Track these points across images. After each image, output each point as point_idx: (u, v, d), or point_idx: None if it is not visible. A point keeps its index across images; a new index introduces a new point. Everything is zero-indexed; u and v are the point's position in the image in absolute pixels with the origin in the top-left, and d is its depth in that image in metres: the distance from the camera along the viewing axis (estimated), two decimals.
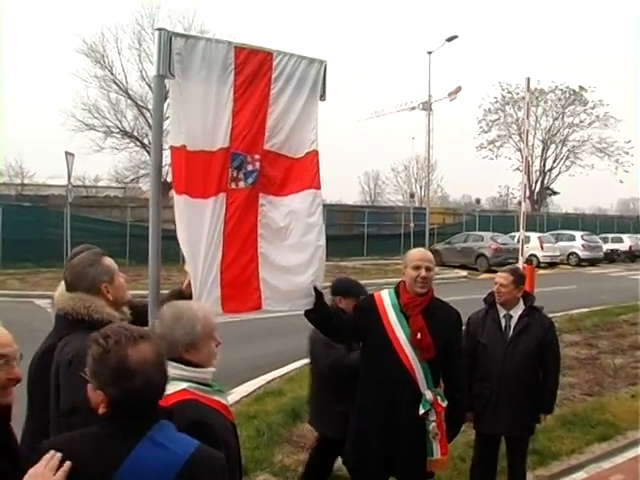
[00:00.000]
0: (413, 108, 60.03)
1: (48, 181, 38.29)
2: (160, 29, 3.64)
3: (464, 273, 26.00)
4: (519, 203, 23.89)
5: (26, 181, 40.12)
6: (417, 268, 3.77)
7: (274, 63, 3.54)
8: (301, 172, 3.58)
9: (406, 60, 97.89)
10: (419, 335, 3.70)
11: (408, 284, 3.81)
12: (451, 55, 69.44)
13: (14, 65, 73.54)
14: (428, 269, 3.77)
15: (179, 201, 3.57)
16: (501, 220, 36.67)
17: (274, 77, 3.54)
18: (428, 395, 3.70)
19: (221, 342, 2.58)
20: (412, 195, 50.63)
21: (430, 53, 32.78)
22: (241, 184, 3.45)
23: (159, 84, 3.76)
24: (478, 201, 53.91)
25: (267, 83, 3.51)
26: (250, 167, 3.46)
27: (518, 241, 12.42)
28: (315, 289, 3.60)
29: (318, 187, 3.61)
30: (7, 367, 2.07)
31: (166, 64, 3.63)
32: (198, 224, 3.54)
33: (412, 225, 32.27)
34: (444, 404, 3.75)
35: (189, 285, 3.50)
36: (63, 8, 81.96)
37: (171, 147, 3.53)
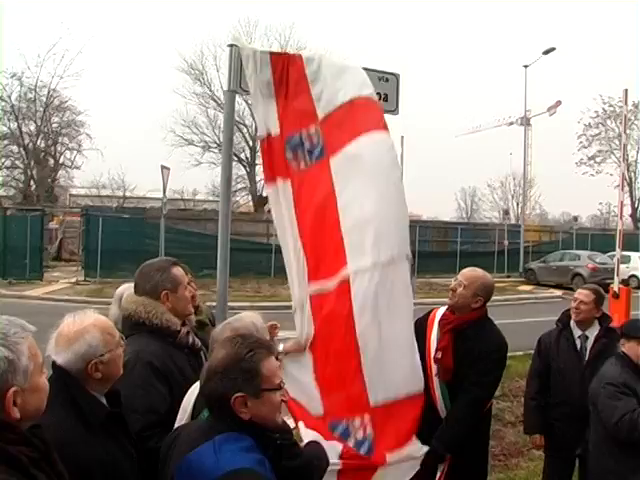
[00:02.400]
0: (511, 123, 58.62)
1: (148, 194, 39.79)
2: (231, 45, 3.72)
3: (559, 293, 25.00)
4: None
5: (127, 194, 41.85)
6: (455, 280, 3.82)
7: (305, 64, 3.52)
8: (362, 113, 3.36)
9: (504, 74, 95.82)
10: (439, 354, 3.64)
11: None
12: (549, 68, 67.48)
13: (120, 83, 77.46)
14: (459, 284, 3.74)
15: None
16: (600, 239, 35.08)
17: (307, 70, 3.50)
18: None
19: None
20: (506, 212, 49.35)
21: (526, 67, 32.03)
22: (302, 165, 3.42)
23: (230, 99, 3.84)
24: (576, 219, 51.87)
25: (301, 67, 3.49)
26: (308, 144, 3.40)
27: None
28: None
29: (385, 128, 3.40)
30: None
31: (237, 79, 3.71)
32: (276, 212, 3.48)
33: (506, 243, 31.44)
34: None
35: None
36: (164, 28, 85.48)
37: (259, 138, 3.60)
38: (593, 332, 4.50)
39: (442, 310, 3.91)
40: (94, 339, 2.26)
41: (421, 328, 3.79)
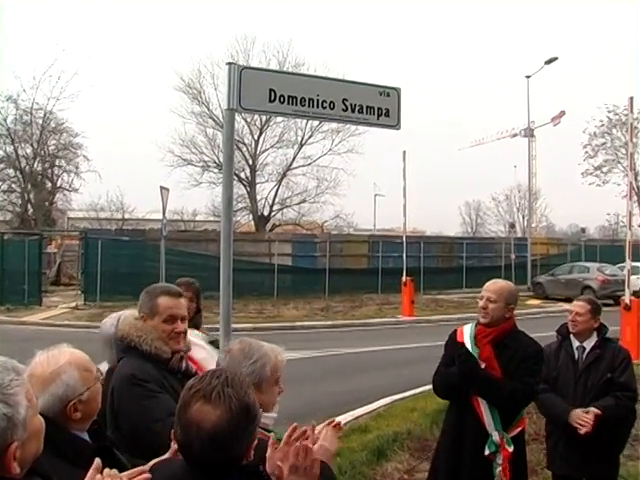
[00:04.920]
0: (515, 135, 58.58)
1: (147, 215, 39.82)
2: (230, 63, 3.76)
3: (568, 306, 24.88)
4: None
5: (126, 216, 41.93)
6: (481, 298, 3.88)
7: None
8: None
9: (506, 85, 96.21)
10: (483, 365, 3.72)
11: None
12: (552, 78, 67.69)
13: (117, 104, 77.99)
14: (489, 299, 3.83)
15: None
16: (610, 250, 34.96)
17: None
18: (495, 436, 3.64)
19: (283, 390, 2.56)
20: (512, 225, 49.24)
21: (528, 77, 32.19)
22: None
23: (230, 118, 3.86)
24: (584, 230, 51.78)
25: None
26: None
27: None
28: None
29: None
30: None
31: (237, 97, 3.73)
32: None
33: (513, 256, 31.37)
34: (510, 449, 3.70)
35: None
36: (160, 47, 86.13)
37: None
38: (590, 343, 4.55)
39: (468, 327, 4.01)
40: (71, 378, 2.14)
41: (452, 348, 3.95)
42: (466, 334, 3.96)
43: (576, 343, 4.59)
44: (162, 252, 17.29)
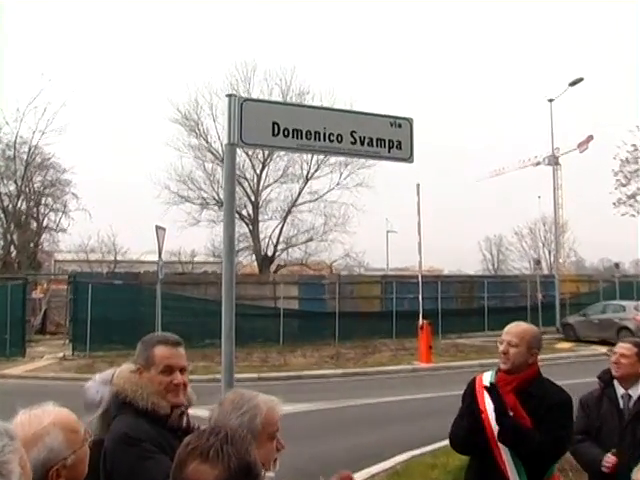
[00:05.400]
0: (538, 163, 58.94)
1: (142, 257, 39.86)
2: (230, 95, 3.83)
3: (603, 350, 24.59)
4: None
5: (119, 258, 42.06)
6: (501, 342, 3.84)
7: None
8: None
9: (527, 110, 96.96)
10: (511, 413, 3.67)
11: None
12: (577, 101, 67.93)
13: (108, 137, 78.75)
14: (509, 344, 3.79)
15: None
16: None
17: None
18: None
19: (285, 447, 2.52)
20: (538, 262, 49.12)
21: (551, 101, 32.42)
22: None
23: (230, 153, 3.94)
24: (617, 265, 51.54)
25: None
26: None
27: None
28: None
29: None
30: None
31: (237, 132, 3.81)
32: None
33: (539, 296, 31.25)
34: None
35: None
36: (155, 76, 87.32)
37: None
38: (637, 390, 4.51)
39: (488, 375, 3.97)
40: (55, 441, 2.06)
41: (470, 398, 3.92)
42: (486, 382, 3.91)
43: (621, 390, 4.54)
44: (158, 297, 17.35)
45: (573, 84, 31.85)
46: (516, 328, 3.90)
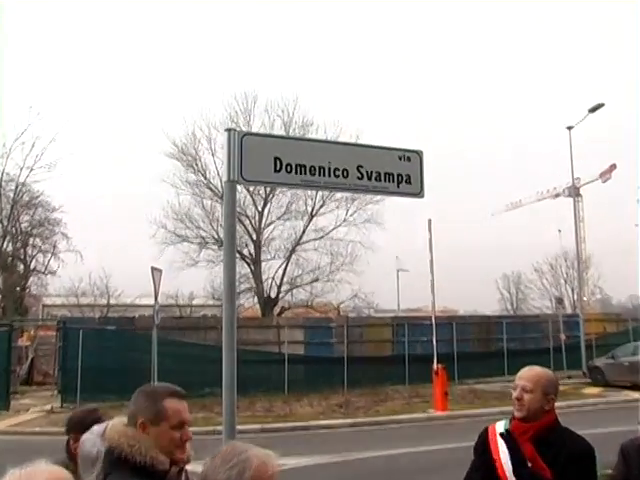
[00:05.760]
0: (557, 195, 59.31)
1: (137, 301, 39.88)
2: (229, 129, 3.88)
3: (636, 395, 24.45)
4: None
5: (112, 301, 42.04)
6: (515, 388, 3.81)
7: None
8: None
9: (543, 139, 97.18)
10: (529, 464, 3.63)
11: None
12: (598, 128, 68.33)
13: (100, 174, 79.17)
14: (523, 389, 3.76)
15: None
16: None
17: None
18: None
19: None
20: (560, 300, 49.16)
21: (570, 128, 32.58)
22: None
23: (231, 190, 3.97)
24: None
25: None
26: None
27: None
28: None
29: None
30: None
31: (237, 168, 3.85)
32: None
33: (563, 337, 31.08)
34: None
35: None
36: (149, 109, 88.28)
37: None
38: None
39: (501, 424, 3.93)
40: None
41: (482, 448, 3.89)
42: (498, 431, 3.89)
43: None
44: (154, 343, 17.31)
45: (593, 110, 32.01)
46: (529, 372, 3.88)
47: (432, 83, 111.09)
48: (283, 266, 36.34)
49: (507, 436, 3.75)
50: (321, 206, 35.87)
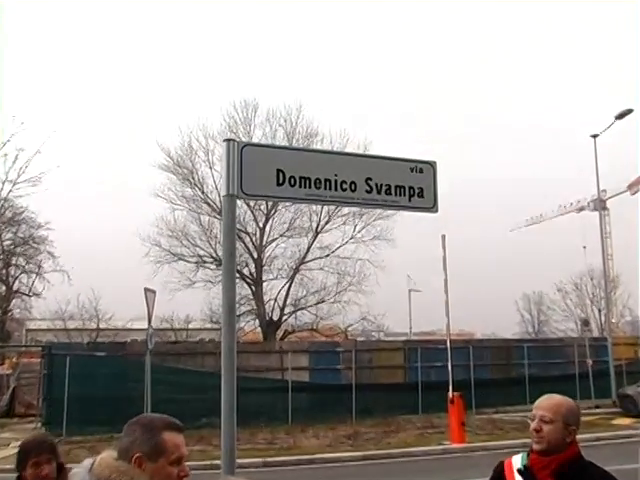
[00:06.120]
0: (581, 209, 59.29)
1: (128, 324, 39.83)
2: (228, 140, 3.89)
3: None
4: None
5: (102, 325, 42.00)
6: (533, 418, 3.75)
7: None
8: None
9: (566, 148, 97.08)
10: None
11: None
12: (625, 135, 68.33)
13: (89, 188, 79.22)
14: (542, 420, 3.70)
15: None
16: None
17: None
18: None
19: None
20: (586, 323, 48.87)
21: (595, 137, 32.52)
22: None
23: (230, 205, 3.96)
24: None
25: None
26: None
27: None
28: None
29: None
30: None
31: (237, 181, 3.85)
32: None
33: (590, 362, 30.93)
34: None
35: None
36: (142, 118, 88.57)
37: None
38: None
39: (518, 458, 3.88)
40: None
41: None
42: (515, 466, 3.83)
43: None
44: (147, 370, 17.30)
45: (620, 117, 31.87)
46: (548, 401, 3.82)
47: (448, 91, 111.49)
48: (286, 287, 36.23)
49: (525, 472, 3.71)
50: (327, 222, 35.87)
